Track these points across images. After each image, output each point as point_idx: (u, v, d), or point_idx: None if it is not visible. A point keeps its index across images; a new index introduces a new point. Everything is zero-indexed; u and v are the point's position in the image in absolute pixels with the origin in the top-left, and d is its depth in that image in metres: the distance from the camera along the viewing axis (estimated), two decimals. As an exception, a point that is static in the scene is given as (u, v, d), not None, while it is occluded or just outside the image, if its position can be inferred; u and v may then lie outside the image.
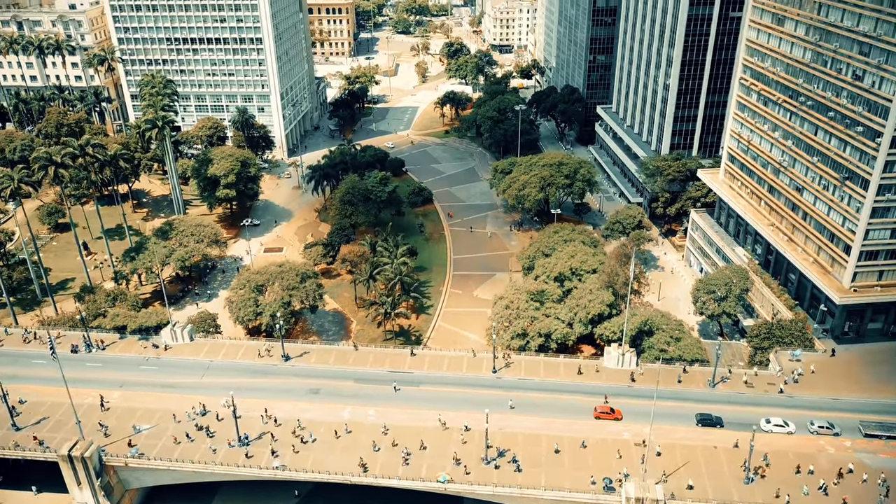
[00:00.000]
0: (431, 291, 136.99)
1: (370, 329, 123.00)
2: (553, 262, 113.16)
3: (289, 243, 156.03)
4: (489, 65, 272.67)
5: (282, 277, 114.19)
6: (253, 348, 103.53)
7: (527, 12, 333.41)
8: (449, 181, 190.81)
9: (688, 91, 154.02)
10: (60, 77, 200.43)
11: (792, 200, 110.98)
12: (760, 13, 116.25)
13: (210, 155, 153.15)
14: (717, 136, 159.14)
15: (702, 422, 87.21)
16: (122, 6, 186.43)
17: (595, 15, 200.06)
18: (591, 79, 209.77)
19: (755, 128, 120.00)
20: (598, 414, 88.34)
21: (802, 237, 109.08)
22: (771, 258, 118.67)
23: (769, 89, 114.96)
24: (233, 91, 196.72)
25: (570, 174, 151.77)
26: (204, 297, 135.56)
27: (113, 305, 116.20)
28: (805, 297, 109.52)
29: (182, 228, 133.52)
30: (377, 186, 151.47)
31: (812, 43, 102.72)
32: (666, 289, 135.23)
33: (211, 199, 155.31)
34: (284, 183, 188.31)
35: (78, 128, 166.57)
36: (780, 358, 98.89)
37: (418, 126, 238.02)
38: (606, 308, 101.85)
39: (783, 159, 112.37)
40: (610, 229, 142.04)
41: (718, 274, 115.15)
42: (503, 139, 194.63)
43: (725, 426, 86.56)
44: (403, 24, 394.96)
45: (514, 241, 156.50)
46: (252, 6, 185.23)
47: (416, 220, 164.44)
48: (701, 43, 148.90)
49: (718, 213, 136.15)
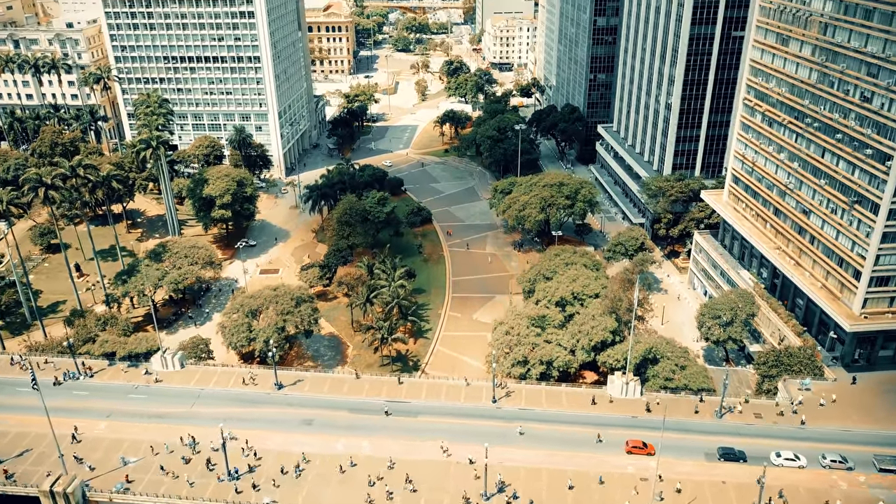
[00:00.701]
0: (430, 314, 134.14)
1: (367, 354, 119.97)
2: (554, 287, 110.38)
3: (285, 264, 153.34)
4: (489, 83, 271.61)
5: (276, 301, 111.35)
6: (243, 376, 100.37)
7: (527, 31, 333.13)
8: (448, 201, 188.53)
9: (690, 111, 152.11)
10: (57, 95, 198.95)
11: (799, 223, 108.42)
12: (764, 33, 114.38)
13: (206, 175, 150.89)
14: (720, 157, 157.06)
15: (724, 456, 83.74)
16: (119, 24, 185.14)
17: (595, 34, 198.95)
18: (592, 97, 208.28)
19: (760, 149, 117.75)
20: (631, 448, 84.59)
21: (810, 261, 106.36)
22: (777, 282, 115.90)
23: (774, 110, 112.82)
24: (230, 109, 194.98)
25: (571, 195, 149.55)
26: (198, 320, 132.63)
27: (104, 329, 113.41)
28: (813, 323, 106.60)
29: (176, 250, 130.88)
30: (375, 207, 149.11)
31: (818, 63, 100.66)
32: (669, 312, 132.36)
33: (206, 219, 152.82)
34: (282, 202, 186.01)
35: (73, 147, 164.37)
36: (788, 387, 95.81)
37: (418, 145, 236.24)
38: (610, 335, 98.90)
39: (789, 181, 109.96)
40: (612, 251, 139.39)
41: (724, 298, 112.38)
42: (503, 158, 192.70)
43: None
44: (403, 41, 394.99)
45: (514, 263, 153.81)
46: (250, 25, 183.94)
47: (414, 241, 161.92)
48: (703, 62, 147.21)
49: (723, 235, 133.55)
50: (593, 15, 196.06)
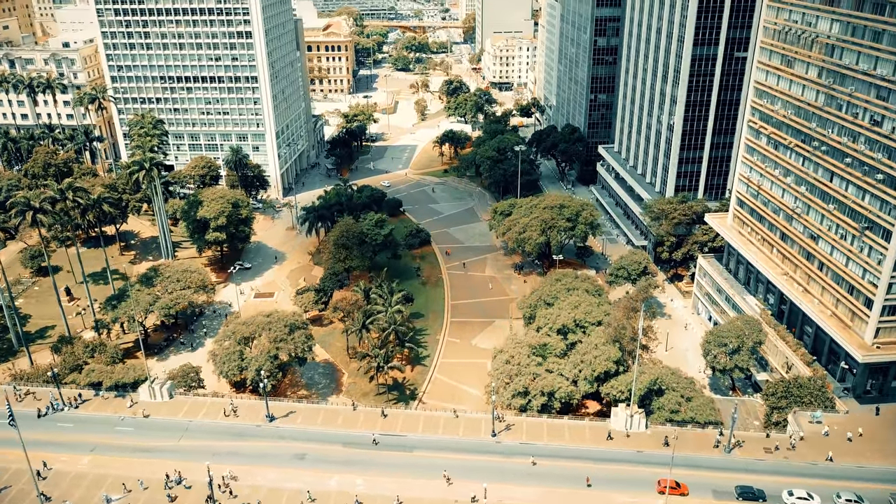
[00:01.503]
0: (428, 340, 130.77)
1: (362, 382, 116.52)
2: (556, 313, 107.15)
3: (280, 288, 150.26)
4: (488, 103, 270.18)
5: (269, 328, 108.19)
6: (227, 407, 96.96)
7: (526, 50, 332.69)
8: (447, 222, 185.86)
9: (693, 132, 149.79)
10: (52, 115, 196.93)
11: (807, 249, 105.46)
12: (769, 54, 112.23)
13: (200, 196, 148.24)
14: (724, 179, 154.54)
15: (742, 495, 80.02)
16: (115, 44, 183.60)
17: (596, 54, 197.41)
18: (593, 118, 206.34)
19: (765, 172, 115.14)
20: (662, 489, 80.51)
21: (819, 288, 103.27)
22: (785, 308, 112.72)
23: (779, 133, 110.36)
24: (227, 130, 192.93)
25: (572, 217, 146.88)
26: (189, 346, 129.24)
27: (92, 356, 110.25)
28: (823, 352, 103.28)
29: (168, 274, 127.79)
30: (373, 229, 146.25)
31: (825, 86, 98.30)
32: (673, 338, 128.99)
33: (200, 242, 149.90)
34: (278, 223, 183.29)
35: (66, 168, 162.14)
36: (799, 419, 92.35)
37: (417, 165, 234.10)
38: (613, 365, 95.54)
39: (796, 206, 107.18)
40: (614, 275, 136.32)
41: (730, 325, 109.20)
42: (503, 179, 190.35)
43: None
44: (403, 61, 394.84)
45: (514, 286, 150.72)
46: (248, 45, 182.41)
47: (413, 263, 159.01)
48: (706, 83, 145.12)
49: (727, 259, 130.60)
50: (594, 35, 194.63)
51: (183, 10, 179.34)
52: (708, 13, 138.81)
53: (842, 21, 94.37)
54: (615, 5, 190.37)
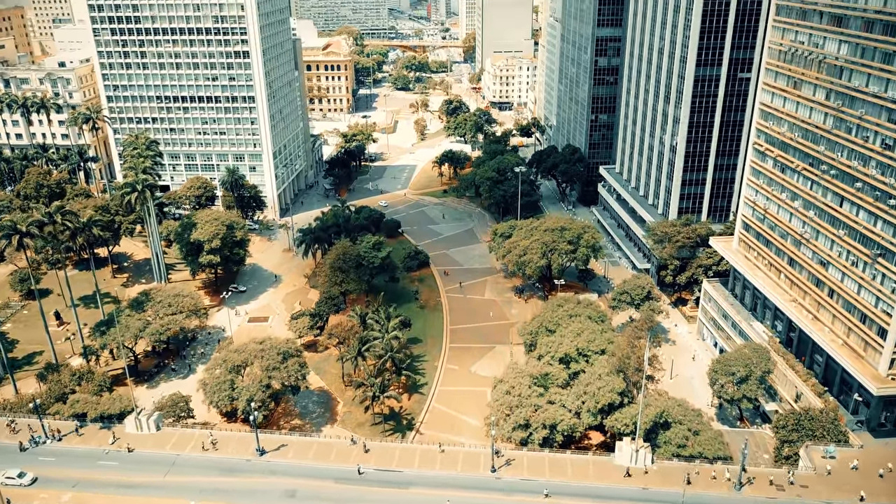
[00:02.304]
0: (426, 367, 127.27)
1: (357, 411, 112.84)
2: (557, 342, 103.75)
3: (275, 312, 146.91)
4: (488, 123, 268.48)
5: (261, 356, 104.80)
6: (225, 439, 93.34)
7: (526, 70, 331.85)
8: (446, 243, 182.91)
9: (696, 153, 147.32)
10: (47, 135, 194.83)
11: (816, 275, 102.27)
12: (774, 76, 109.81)
13: (194, 219, 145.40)
14: (728, 201, 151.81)
15: None
16: (111, 64, 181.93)
17: (597, 74, 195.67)
18: (593, 138, 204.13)
19: (772, 195, 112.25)
20: None
21: (829, 316, 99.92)
22: (793, 336, 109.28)
23: (786, 156, 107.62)
24: (224, 150, 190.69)
25: (574, 240, 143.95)
26: (181, 372, 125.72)
27: (79, 384, 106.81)
28: (834, 382, 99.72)
29: (159, 299, 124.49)
30: (370, 252, 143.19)
31: (834, 108, 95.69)
32: (679, 365, 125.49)
33: (194, 265, 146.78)
34: (275, 245, 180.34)
35: (59, 189, 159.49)
36: (811, 454, 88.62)
37: (416, 185, 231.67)
38: (617, 397, 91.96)
39: (804, 231, 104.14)
40: (617, 300, 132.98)
41: (737, 353, 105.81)
42: (503, 200, 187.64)
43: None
44: (403, 80, 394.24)
45: (514, 310, 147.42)
46: (245, 64, 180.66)
47: (411, 287, 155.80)
48: (709, 104, 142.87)
49: (733, 283, 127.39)
50: (594, 55, 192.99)
51: (180, 29, 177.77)
52: (711, 33, 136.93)
53: (850, 42, 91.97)
54: (616, 25, 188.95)
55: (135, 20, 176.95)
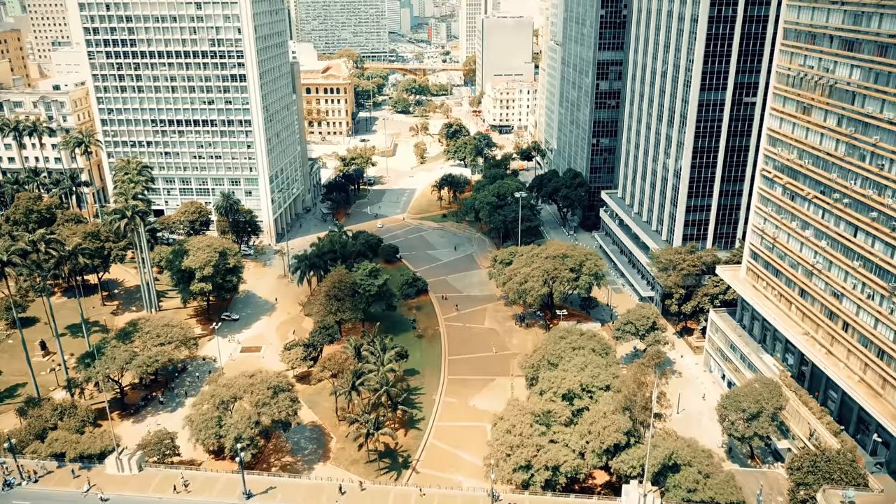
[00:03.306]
0: (423, 400, 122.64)
1: (352, 448, 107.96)
2: (560, 377, 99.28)
3: (268, 341, 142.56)
4: (488, 146, 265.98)
5: (251, 391, 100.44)
6: (210, 481, 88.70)
7: (527, 93, 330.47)
8: (445, 269, 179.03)
9: (700, 178, 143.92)
10: (40, 159, 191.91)
11: (829, 308, 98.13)
12: (783, 101, 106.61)
13: (186, 245, 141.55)
14: (734, 227, 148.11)
15: None
16: (106, 87, 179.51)
17: (598, 97, 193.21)
18: (595, 162, 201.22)
19: (781, 224, 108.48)
20: None
21: (844, 350, 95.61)
22: (806, 370, 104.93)
23: (796, 183, 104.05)
24: (219, 174, 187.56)
25: (576, 267, 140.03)
26: (169, 405, 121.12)
27: (61, 419, 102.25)
28: (851, 420, 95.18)
29: (147, 329, 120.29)
30: (366, 279, 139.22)
31: (846, 135, 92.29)
32: (686, 399, 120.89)
33: (185, 292, 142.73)
34: (270, 271, 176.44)
35: (49, 214, 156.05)
36: (829, 498, 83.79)
37: (415, 209, 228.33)
38: (624, 437, 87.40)
39: (816, 261, 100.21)
40: (622, 330, 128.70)
41: (747, 388, 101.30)
42: (503, 225, 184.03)
43: None
44: (403, 103, 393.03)
45: (515, 340, 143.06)
46: (241, 88, 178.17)
47: (408, 316, 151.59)
48: (713, 129, 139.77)
49: (741, 314, 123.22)
50: (596, 79, 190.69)
51: (176, 52, 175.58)
52: (715, 58, 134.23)
53: (863, 67, 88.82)
54: (617, 49, 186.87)
55: (130, 43, 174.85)
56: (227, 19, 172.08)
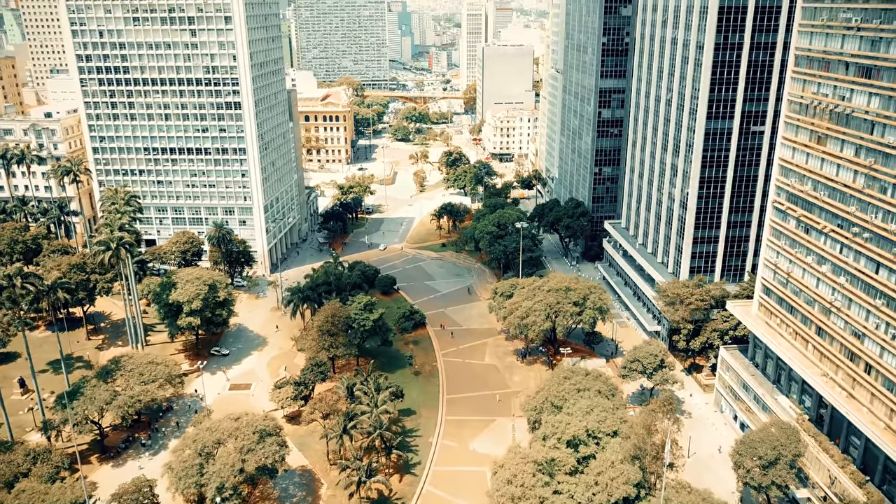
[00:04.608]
0: (419, 443, 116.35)
1: (343, 495, 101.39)
2: (565, 421, 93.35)
3: (259, 378, 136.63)
4: (488, 175, 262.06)
5: (236, 436, 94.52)
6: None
7: (527, 121, 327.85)
8: (444, 301, 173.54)
9: (707, 209, 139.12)
10: (30, 188, 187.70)
11: (849, 348, 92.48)
12: (795, 130, 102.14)
13: (174, 278, 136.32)
14: (743, 259, 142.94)
15: None
16: (98, 115, 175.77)
17: (600, 125, 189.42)
18: (597, 191, 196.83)
19: (795, 258, 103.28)
20: None
21: (867, 394, 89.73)
22: (825, 413, 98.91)
23: (811, 216, 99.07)
24: (213, 203, 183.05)
25: (580, 301, 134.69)
26: (152, 448, 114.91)
27: (35, 464, 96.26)
28: (876, 470, 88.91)
29: (130, 367, 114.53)
30: (360, 314, 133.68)
31: (865, 166, 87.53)
32: (696, 442, 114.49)
33: (172, 327, 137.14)
34: (263, 303, 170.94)
35: (35, 244, 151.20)
36: (857, 557, 77.56)
37: (413, 238, 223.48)
38: (634, 489, 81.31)
39: (834, 298, 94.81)
40: (628, 368, 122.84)
41: (763, 433, 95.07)
42: (503, 255, 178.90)
43: None
44: (403, 131, 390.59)
45: (516, 377, 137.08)
46: (236, 115, 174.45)
47: (405, 351, 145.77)
48: (720, 158, 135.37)
49: (753, 352, 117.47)
50: (598, 107, 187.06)
51: (170, 80, 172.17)
52: (721, 85, 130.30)
53: (882, 95, 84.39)
54: (620, 77, 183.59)
55: (123, 70, 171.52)
56: (222, 46, 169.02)
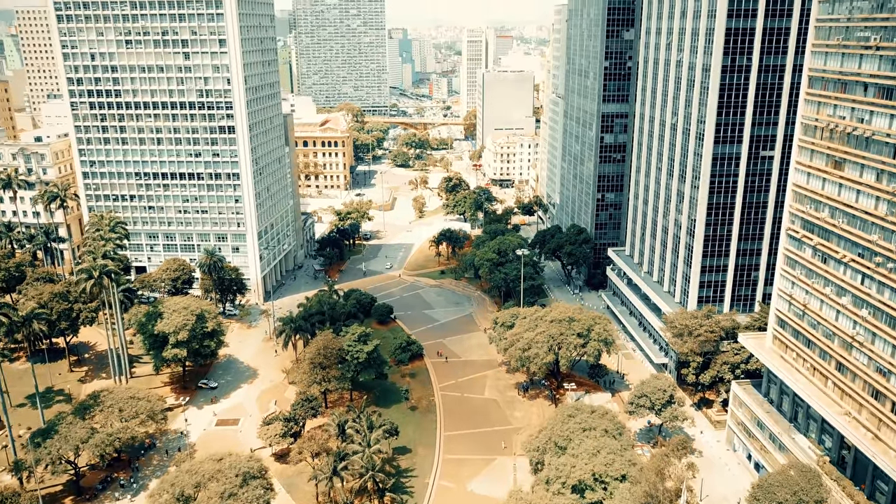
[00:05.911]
0: (415, 484, 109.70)
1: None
2: (570, 464, 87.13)
3: (248, 413, 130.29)
4: (489, 201, 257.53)
5: (217, 479, 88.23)
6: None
7: (528, 147, 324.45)
8: (443, 330, 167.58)
9: (716, 237, 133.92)
10: (18, 213, 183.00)
11: (874, 386, 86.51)
12: (810, 155, 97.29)
13: (160, 308, 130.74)
14: (753, 289, 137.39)
15: None
16: (89, 139, 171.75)
17: (603, 151, 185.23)
18: (600, 218, 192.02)
19: (812, 289, 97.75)
20: None
21: (894, 436, 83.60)
22: (847, 455, 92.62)
23: (829, 244, 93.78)
24: (205, 230, 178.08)
25: (584, 332, 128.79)
26: (130, 489, 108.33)
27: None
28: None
29: (109, 403, 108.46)
30: (354, 345, 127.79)
31: (888, 192, 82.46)
32: (708, 483, 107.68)
33: (158, 359, 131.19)
34: (254, 332, 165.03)
35: (18, 272, 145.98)
36: None
37: (412, 265, 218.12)
38: (645, 542, 74.98)
39: (856, 332, 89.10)
40: (635, 404, 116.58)
41: (781, 477, 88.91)
42: (504, 283, 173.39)
43: None
44: (403, 157, 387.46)
45: (518, 413, 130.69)
46: (230, 140, 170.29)
47: (401, 384, 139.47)
48: (729, 184, 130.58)
49: (767, 387, 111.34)
50: (600, 132, 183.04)
51: (162, 103, 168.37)
52: (729, 109, 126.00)
53: (905, 117, 79.74)
54: (622, 101, 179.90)
55: (115, 93, 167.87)
56: (217, 69, 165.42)
